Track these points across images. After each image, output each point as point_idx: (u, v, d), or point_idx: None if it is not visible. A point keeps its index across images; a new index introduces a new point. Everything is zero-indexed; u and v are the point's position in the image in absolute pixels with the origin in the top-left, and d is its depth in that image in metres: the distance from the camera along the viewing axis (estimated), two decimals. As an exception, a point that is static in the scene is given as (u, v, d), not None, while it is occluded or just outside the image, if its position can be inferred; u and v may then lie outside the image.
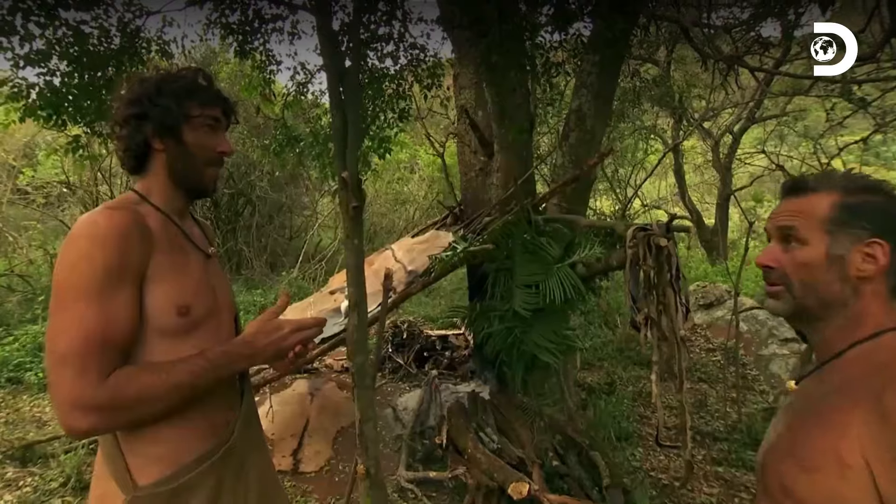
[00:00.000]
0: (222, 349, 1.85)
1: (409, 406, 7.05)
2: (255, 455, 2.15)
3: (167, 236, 1.89)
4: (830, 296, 1.42)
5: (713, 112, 16.28)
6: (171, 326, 1.81)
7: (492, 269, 5.81)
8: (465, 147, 7.43)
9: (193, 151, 1.95)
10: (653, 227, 4.25)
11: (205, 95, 1.99)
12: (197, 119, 1.95)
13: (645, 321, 4.20)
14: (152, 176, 1.97)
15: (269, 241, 16.47)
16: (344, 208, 3.38)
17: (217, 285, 2.08)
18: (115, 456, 1.80)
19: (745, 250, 7.56)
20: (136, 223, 1.77)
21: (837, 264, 1.40)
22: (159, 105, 1.90)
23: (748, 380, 8.33)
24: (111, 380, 1.64)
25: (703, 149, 18.95)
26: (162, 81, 1.94)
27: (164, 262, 1.82)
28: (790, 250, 1.48)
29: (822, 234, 1.42)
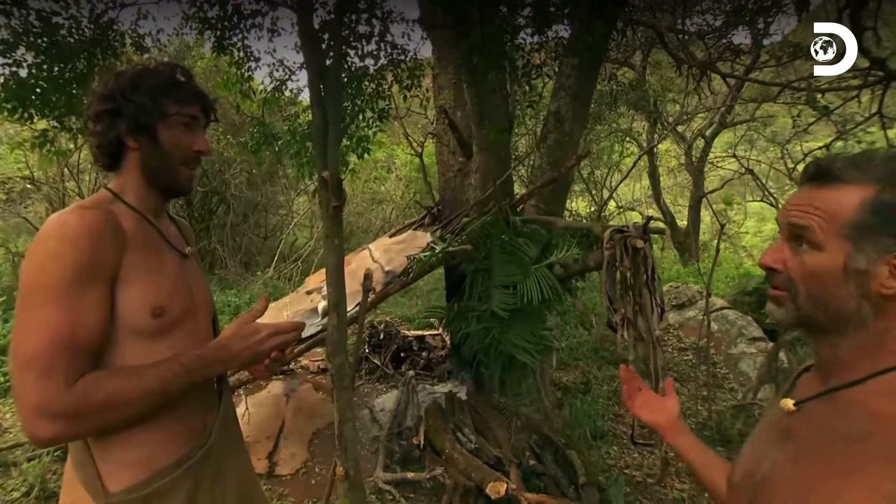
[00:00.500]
0: (196, 353, 1.80)
1: (386, 407, 7.02)
2: (234, 457, 2.09)
3: (141, 236, 1.83)
4: (844, 312, 1.15)
5: (687, 116, 16.43)
6: (145, 327, 1.75)
7: (470, 270, 5.79)
8: (443, 147, 7.40)
9: (168, 150, 1.89)
10: (629, 228, 4.26)
11: (182, 92, 1.92)
12: (173, 117, 1.89)
13: (621, 321, 4.21)
14: (126, 174, 1.91)
15: (244, 240, 16.26)
16: (324, 208, 3.33)
17: (194, 285, 2.03)
18: (86, 462, 1.73)
19: (716, 252, 7.60)
20: (109, 223, 1.71)
21: (857, 278, 1.12)
22: (134, 102, 1.83)
23: (718, 378, 8.41)
24: (79, 385, 1.57)
25: (677, 152, 19.09)
26: (138, 77, 1.87)
27: (138, 262, 1.76)
28: (800, 253, 1.20)
29: (841, 240, 1.13)
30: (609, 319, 4.33)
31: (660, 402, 1.98)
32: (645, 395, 2.03)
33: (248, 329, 1.89)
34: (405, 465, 5.70)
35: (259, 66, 8.87)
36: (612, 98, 11.62)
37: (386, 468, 5.54)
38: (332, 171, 3.18)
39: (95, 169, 12.80)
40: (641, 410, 2.00)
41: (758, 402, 6.89)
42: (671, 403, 1.97)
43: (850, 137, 11.14)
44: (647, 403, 2.00)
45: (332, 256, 3.39)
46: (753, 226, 23.30)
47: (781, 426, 1.29)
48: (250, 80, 7.98)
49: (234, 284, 13.66)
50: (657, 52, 12.52)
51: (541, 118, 8.76)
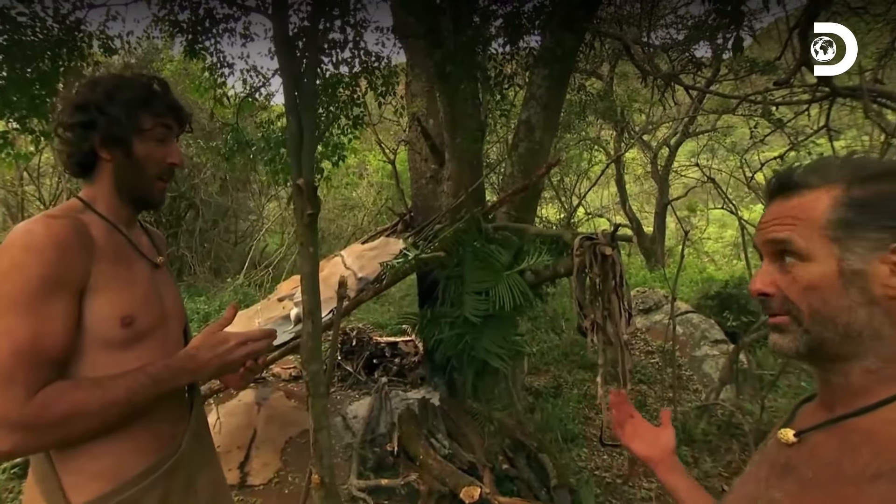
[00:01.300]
0: (164, 363, 1.74)
1: (359, 414, 6.97)
2: (207, 469, 2.02)
3: (112, 245, 1.77)
4: (856, 326, 1.01)
5: (652, 126, 16.65)
6: (114, 338, 1.69)
7: (442, 276, 5.79)
8: (416, 154, 7.38)
9: (143, 164, 1.84)
10: (598, 236, 4.25)
11: (158, 106, 1.87)
12: (148, 132, 1.84)
13: (591, 326, 4.20)
14: (98, 184, 1.85)
15: (213, 247, 16.09)
16: (298, 215, 3.29)
17: (165, 295, 1.97)
18: (48, 474, 1.65)
19: (681, 257, 7.66)
20: (77, 232, 1.65)
21: (857, 282, 1.00)
22: (108, 114, 1.78)
23: (683, 380, 8.49)
24: (39, 397, 1.51)
25: (643, 160, 19.31)
26: (113, 88, 1.81)
27: (108, 271, 1.71)
28: (789, 269, 1.09)
29: (826, 242, 1.03)
30: (579, 324, 4.33)
31: (653, 434, 1.82)
32: (637, 423, 1.87)
33: (216, 338, 1.84)
34: (379, 472, 5.65)
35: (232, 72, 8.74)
36: (581, 107, 11.73)
37: (360, 475, 5.48)
38: (306, 178, 3.14)
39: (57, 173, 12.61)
40: (632, 441, 1.83)
41: (720, 402, 6.94)
42: (666, 436, 1.80)
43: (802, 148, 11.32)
44: (640, 434, 1.84)
45: (307, 264, 3.35)
46: (715, 232, 23.67)
47: (780, 461, 1.15)
48: (223, 85, 7.86)
49: (204, 291, 13.53)
50: (624, 64, 12.73)
51: (512, 127, 8.79)
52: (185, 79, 11.47)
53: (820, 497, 1.00)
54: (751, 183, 14.90)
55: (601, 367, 4.16)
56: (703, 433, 6.52)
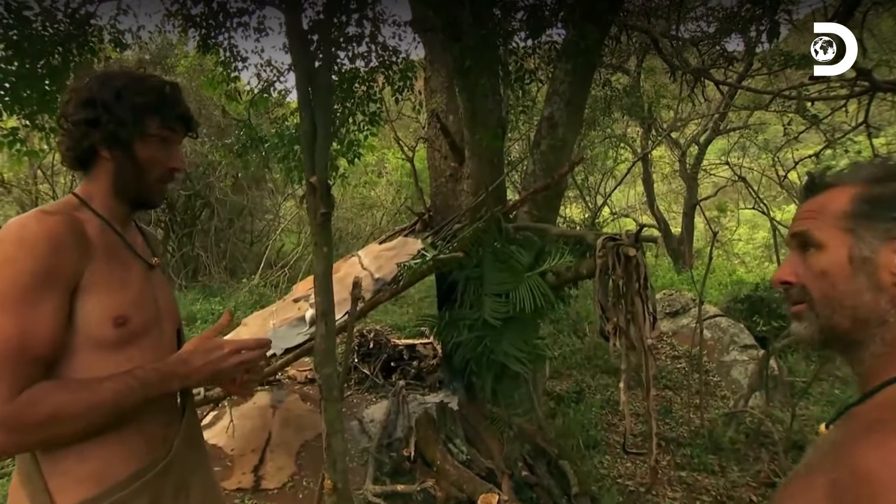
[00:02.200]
0: (154, 367, 1.74)
1: (376, 418, 6.98)
2: (199, 475, 2.02)
3: (106, 244, 1.78)
4: (863, 310, 1.11)
5: (681, 122, 16.49)
6: (106, 338, 1.70)
7: (461, 278, 5.77)
8: (435, 152, 7.38)
9: (144, 167, 1.85)
10: (622, 237, 4.24)
11: (167, 112, 1.87)
12: (153, 136, 1.85)
13: (614, 330, 4.18)
14: (96, 181, 1.86)
15: (229, 246, 16.16)
16: (312, 215, 3.30)
17: (160, 296, 1.98)
18: (33, 476, 1.66)
19: (709, 259, 7.62)
20: (71, 229, 1.66)
21: (865, 268, 1.11)
22: (115, 115, 1.78)
23: (711, 386, 8.44)
24: (24, 396, 1.52)
25: (671, 158, 19.16)
26: (123, 89, 1.81)
27: (101, 270, 1.72)
28: (808, 259, 1.20)
29: (840, 232, 1.15)
30: (602, 328, 4.31)
31: None
32: None
33: (210, 344, 1.85)
34: (395, 478, 5.65)
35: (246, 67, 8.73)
36: (606, 103, 11.66)
37: (375, 481, 5.49)
38: (320, 176, 3.15)
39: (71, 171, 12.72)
40: None
41: (749, 409, 6.90)
42: None
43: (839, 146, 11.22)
44: None
45: (321, 264, 3.36)
46: (746, 233, 23.38)
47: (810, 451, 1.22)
48: (236, 80, 7.88)
49: (219, 292, 13.56)
50: (651, 58, 12.57)
51: (534, 123, 8.76)
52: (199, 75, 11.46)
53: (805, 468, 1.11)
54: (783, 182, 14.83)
55: (624, 372, 4.14)
56: (731, 441, 6.48)
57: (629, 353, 4.15)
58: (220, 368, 1.82)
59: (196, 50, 7.18)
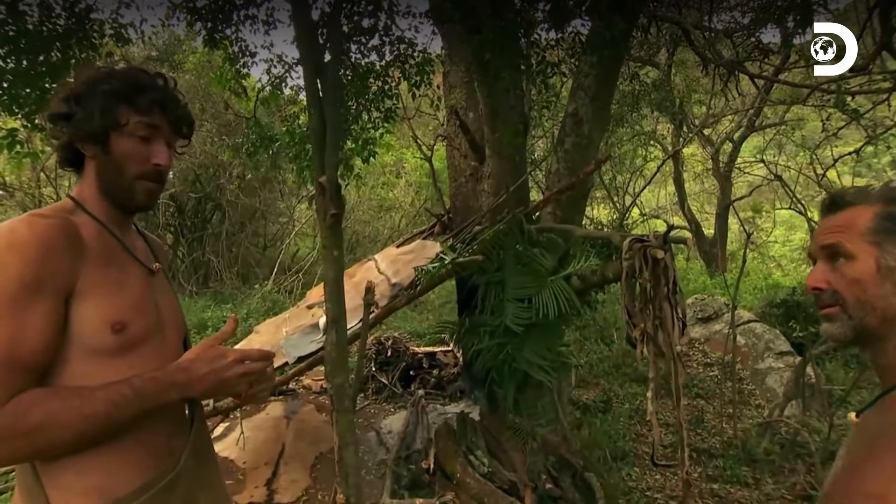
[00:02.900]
0: (151, 375, 1.67)
1: (394, 429, 6.97)
2: (208, 491, 1.98)
3: (103, 248, 1.76)
4: (891, 311, 1.34)
5: (713, 118, 16.38)
6: (104, 345, 1.67)
7: (482, 282, 5.73)
8: (454, 151, 7.36)
9: (121, 163, 1.81)
10: (650, 238, 4.19)
11: (142, 100, 1.82)
12: (128, 126, 1.81)
13: (641, 336, 4.14)
14: (86, 182, 1.85)
15: (241, 251, 16.20)
16: (321, 216, 3.27)
17: (162, 303, 1.94)
18: (34, 489, 1.64)
19: (742, 262, 7.56)
20: (65, 233, 1.64)
21: (891, 276, 1.34)
22: (84, 107, 1.77)
23: (744, 394, 8.40)
24: (11, 404, 1.48)
25: (703, 156, 19.05)
26: (97, 80, 1.80)
27: (98, 275, 1.69)
28: (838, 268, 1.42)
29: (867, 245, 1.37)
30: (628, 334, 4.28)
31: None
32: None
33: (213, 352, 1.77)
34: (414, 491, 5.64)
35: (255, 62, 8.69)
36: (634, 99, 11.59)
37: (393, 494, 5.47)
38: (329, 176, 3.12)
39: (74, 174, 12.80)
40: None
41: (784, 419, 6.84)
42: None
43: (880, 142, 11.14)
44: None
45: (331, 269, 3.33)
46: (782, 234, 23.19)
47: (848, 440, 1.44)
48: (246, 76, 7.84)
49: (231, 298, 13.57)
50: (683, 51, 12.46)
51: (558, 120, 8.71)
52: (209, 72, 11.45)
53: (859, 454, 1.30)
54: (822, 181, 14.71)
55: (652, 380, 4.11)
56: (766, 452, 6.44)
57: (657, 360, 4.11)
58: (223, 378, 1.75)
59: (203, 45, 7.13)
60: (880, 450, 1.21)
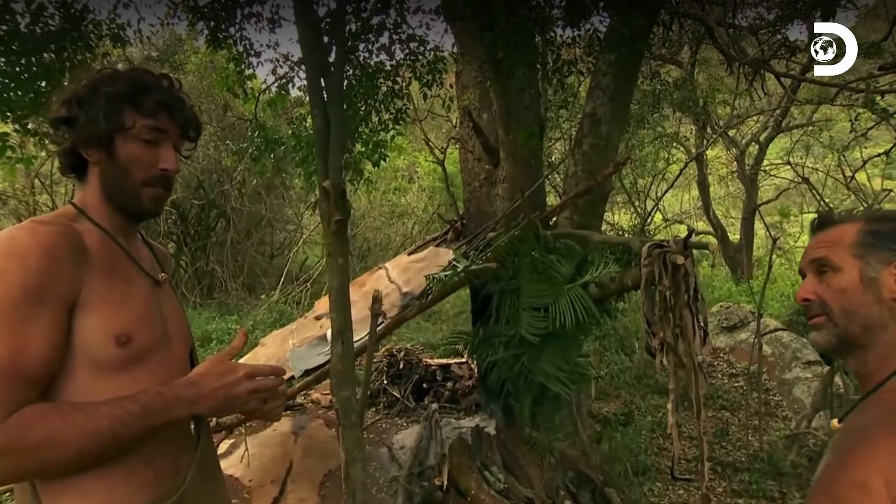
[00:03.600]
0: (158, 391, 1.63)
1: (407, 444, 6.95)
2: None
3: (107, 257, 1.73)
4: (871, 319, 1.50)
5: (738, 119, 16.30)
6: (108, 358, 1.64)
7: (496, 290, 5.70)
8: (467, 154, 7.35)
9: (127, 168, 1.79)
10: (669, 243, 4.16)
11: (147, 102, 1.80)
12: (133, 130, 1.78)
13: (660, 346, 4.11)
14: (89, 189, 1.83)
15: (247, 260, 16.16)
16: (326, 222, 3.25)
17: (168, 314, 1.92)
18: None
19: (768, 268, 7.54)
20: (67, 240, 1.62)
21: (872, 287, 1.50)
22: (87, 111, 1.74)
23: (771, 406, 8.41)
24: (13, 419, 1.44)
25: (728, 159, 18.98)
26: (99, 82, 1.78)
27: (102, 285, 1.67)
28: (825, 280, 1.59)
29: (852, 258, 1.54)
30: (647, 344, 4.25)
31: None
32: None
33: (223, 367, 1.75)
34: (426, 509, 5.62)
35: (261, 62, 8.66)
36: (655, 99, 11.54)
37: (404, 512, 5.46)
38: (334, 179, 3.10)
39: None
40: None
41: (812, 430, 6.82)
42: None
43: (912, 143, 11.09)
44: None
45: (336, 277, 3.32)
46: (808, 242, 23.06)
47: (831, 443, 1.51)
48: (252, 77, 7.81)
49: (236, 310, 13.53)
50: (706, 49, 12.41)
51: (576, 121, 8.69)
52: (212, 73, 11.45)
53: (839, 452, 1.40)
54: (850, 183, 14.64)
55: (672, 392, 4.08)
56: (793, 465, 6.42)
57: (678, 370, 4.08)
58: (233, 395, 1.73)
59: (206, 45, 7.08)
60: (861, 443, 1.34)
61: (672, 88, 12.13)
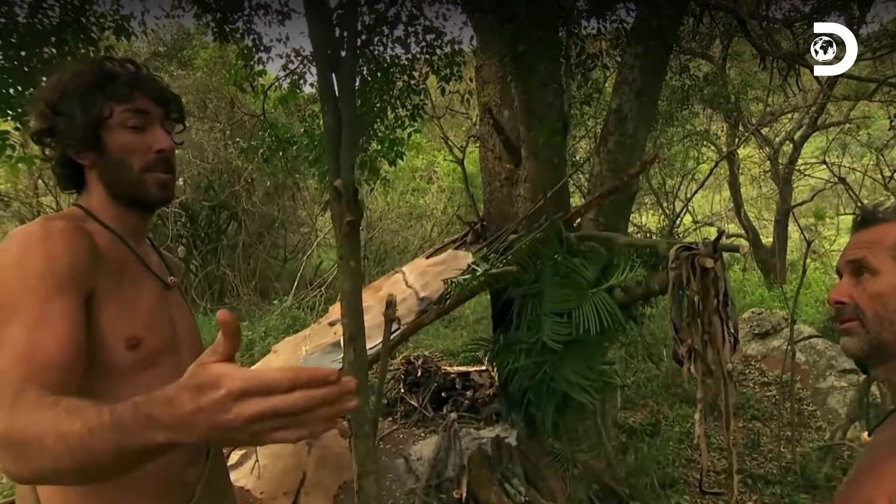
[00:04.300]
0: (132, 402, 1.17)
1: (424, 455, 6.91)
2: None
3: (117, 258, 1.72)
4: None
5: (772, 117, 16.18)
6: (118, 362, 1.61)
7: (517, 295, 5.66)
8: (488, 152, 7.32)
9: (121, 159, 1.76)
10: (698, 245, 4.12)
11: (118, 88, 1.76)
12: (115, 118, 1.75)
13: (688, 353, 4.07)
14: (93, 193, 1.81)
15: (259, 264, 16.19)
16: (337, 223, 3.22)
17: (177, 319, 1.90)
18: None
19: (802, 272, 7.48)
20: (81, 234, 1.60)
21: None
22: (63, 114, 1.72)
23: (804, 416, 8.36)
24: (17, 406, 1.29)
25: (761, 158, 18.87)
26: (64, 83, 1.74)
27: (112, 285, 1.65)
28: (862, 283, 1.50)
29: (892, 262, 1.45)
30: (675, 351, 4.21)
31: None
32: None
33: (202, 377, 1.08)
34: (444, 523, 5.61)
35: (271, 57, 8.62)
36: (684, 94, 11.48)
37: (421, 526, 5.44)
38: (345, 179, 3.07)
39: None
40: None
41: (847, 442, 6.78)
42: None
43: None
44: None
45: (348, 281, 3.28)
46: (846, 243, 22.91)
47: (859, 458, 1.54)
48: (262, 73, 7.81)
49: (248, 315, 13.49)
50: (738, 42, 12.33)
51: (602, 118, 8.65)
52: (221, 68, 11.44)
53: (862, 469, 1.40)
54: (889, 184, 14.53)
55: (700, 401, 4.04)
56: (827, 478, 6.40)
57: (706, 379, 4.04)
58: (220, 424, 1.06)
59: (213, 39, 7.06)
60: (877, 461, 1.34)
61: (702, 84, 12.06)
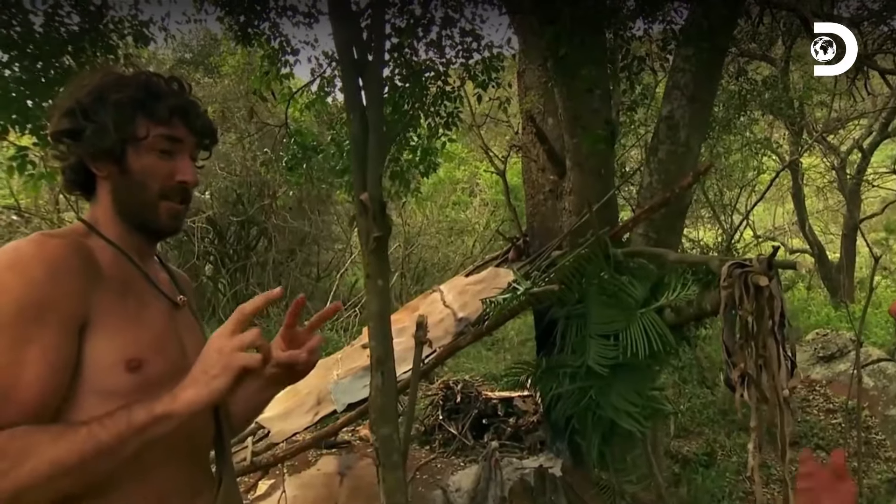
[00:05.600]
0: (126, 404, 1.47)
1: (463, 486, 6.90)
2: None
3: (120, 276, 1.70)
4: None
5: (838, 123, 16.01)
6: (117, 385, 1.58)
7: (561, 316, 5.63)
8: (531, 163, 7.31)
9: (141, 180, 1.75)
10: (752, 262, 4.07)
11: (160, 109, 1.75)
12: (146, 140, 1.74)
13: (741, 378, 4.02)
14: (100, 205, 1.79)
15: (290, 282, 16.15)
16: (364, 239, 3.21)
17: (188, 340, 1.85)
18: None
19: (869, 290, 7.38)
20: (76, 254, 1.58)
21: None
22: (95, 121, 1.70)
23: (872, 446, 8.21)
24: None
25: (827, 168, 18.67)
26: (104, 88, 1.73)
27: (113, 305, 1.62)
28: None
29: None
30: (727, 376, 4.17)
31: None
32: None
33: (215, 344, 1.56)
34: (484, 560, 5.59)
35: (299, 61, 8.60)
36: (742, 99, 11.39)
37: (459, 563, 5.42)
38: (372, 192, 3.05)
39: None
40: None
41: (919, 473, 6.69)
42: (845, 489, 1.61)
43: None
44: None
45: (375, 301, 3.27)
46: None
47: None
48: (289, 76, 7.84)
49: (278, 336, 13.56)
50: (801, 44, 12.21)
51: (652, 125, 8.60)
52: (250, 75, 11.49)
53: None
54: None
55: (754, 430, 3.98)
56: (897, 513, 6.27)
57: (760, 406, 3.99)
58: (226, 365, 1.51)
59: (235, 42, 7.08)
60: None
61: (761, 88, 11.95)
